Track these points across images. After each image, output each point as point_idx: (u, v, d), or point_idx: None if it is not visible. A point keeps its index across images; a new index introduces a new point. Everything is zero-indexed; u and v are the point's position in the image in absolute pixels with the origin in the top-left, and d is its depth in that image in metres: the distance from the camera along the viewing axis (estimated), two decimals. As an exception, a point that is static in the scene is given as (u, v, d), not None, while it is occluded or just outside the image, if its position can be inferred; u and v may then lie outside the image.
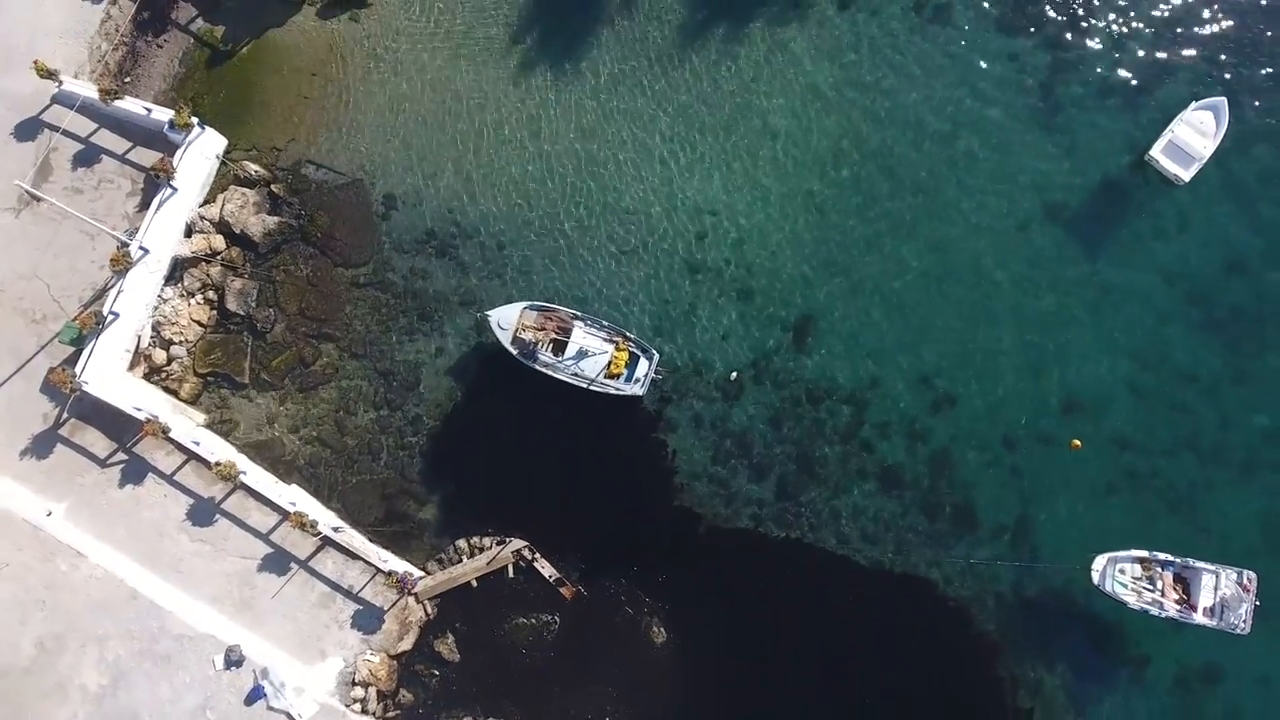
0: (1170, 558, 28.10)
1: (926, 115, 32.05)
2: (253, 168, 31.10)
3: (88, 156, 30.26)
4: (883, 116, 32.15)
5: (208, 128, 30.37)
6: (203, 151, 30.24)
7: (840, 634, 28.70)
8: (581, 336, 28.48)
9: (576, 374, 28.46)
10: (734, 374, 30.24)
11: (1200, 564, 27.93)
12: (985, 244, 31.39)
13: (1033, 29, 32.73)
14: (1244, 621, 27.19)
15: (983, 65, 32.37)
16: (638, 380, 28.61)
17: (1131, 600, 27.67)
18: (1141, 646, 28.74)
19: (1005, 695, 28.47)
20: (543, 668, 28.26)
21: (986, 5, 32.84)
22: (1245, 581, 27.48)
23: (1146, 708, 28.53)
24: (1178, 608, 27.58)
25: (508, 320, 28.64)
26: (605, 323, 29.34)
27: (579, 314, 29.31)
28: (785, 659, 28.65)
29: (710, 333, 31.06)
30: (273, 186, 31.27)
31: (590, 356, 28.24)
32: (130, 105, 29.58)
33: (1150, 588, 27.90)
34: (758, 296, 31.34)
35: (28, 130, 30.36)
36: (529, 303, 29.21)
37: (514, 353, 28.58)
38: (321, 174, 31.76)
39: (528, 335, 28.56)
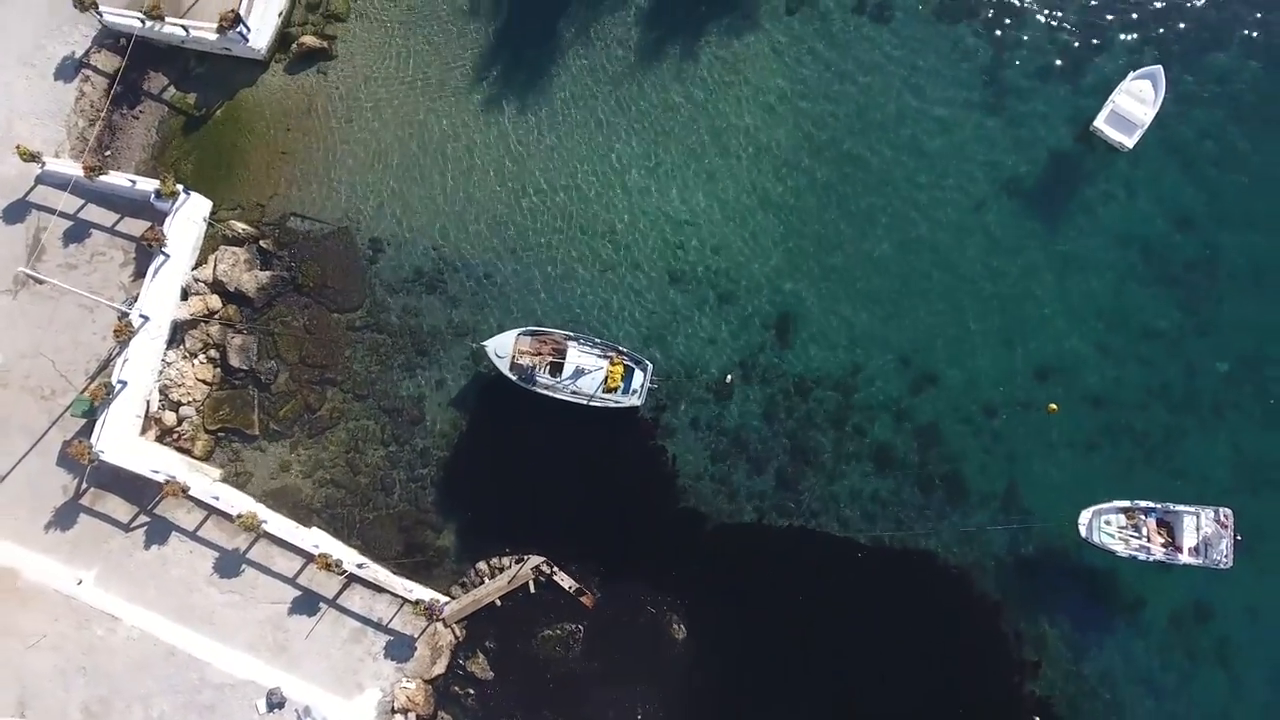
0: (1151, 504, 29.46)
1: (877, 112, 33.20)
2: (240, 226, 31.77)
3: (78, 232, 30.84)
4: (837, 117, 33.28)
5: (192, 193, 31.00)
6: (190, 216, 30.90)
7: (851, 612, 29.86)
8: (576, 356, 29.43)
9: (576, 392, 29.42)
10: (729, 377, 31.28)
11: (1180, 507, 29.31)
12: (947, 227, 32.61)
13: (970, 18, 33.97)
14: (1226, 557, 28.61)
15: (926, 59, 33.55)
16: (635, 391, 29.61)
17: (1120, 548, 29.01)
18: (1134, 591, 30.09)
19: (1011, 651, 29.75)
20: (574, 674, 29.24)
21: (920, 4, 33.96)
22: (1223, 519, 28.89)
23: (1144, 648, 29.88)
24: (1164, 551, 28.96)
25: (504, 348, 29.54)
26: (597, 340, 30.32)
27: (571, 334, 30.26)
28: (801, 641, 29.77)
29: (697, 338, 32.09)
30: (261, 242, 31.97)
31: (587, 374, 29.21)
32: (115, 179, 30.20)
33: (1136, 535, 29.26)
34: (738, 299, 32.40)
35: (16, 213, 30.91)
36: (522, 329, 30.12)
37: (514, 379, 29.49)
38: (307, 225, 32.48)
39: (525, 360, 29.48)
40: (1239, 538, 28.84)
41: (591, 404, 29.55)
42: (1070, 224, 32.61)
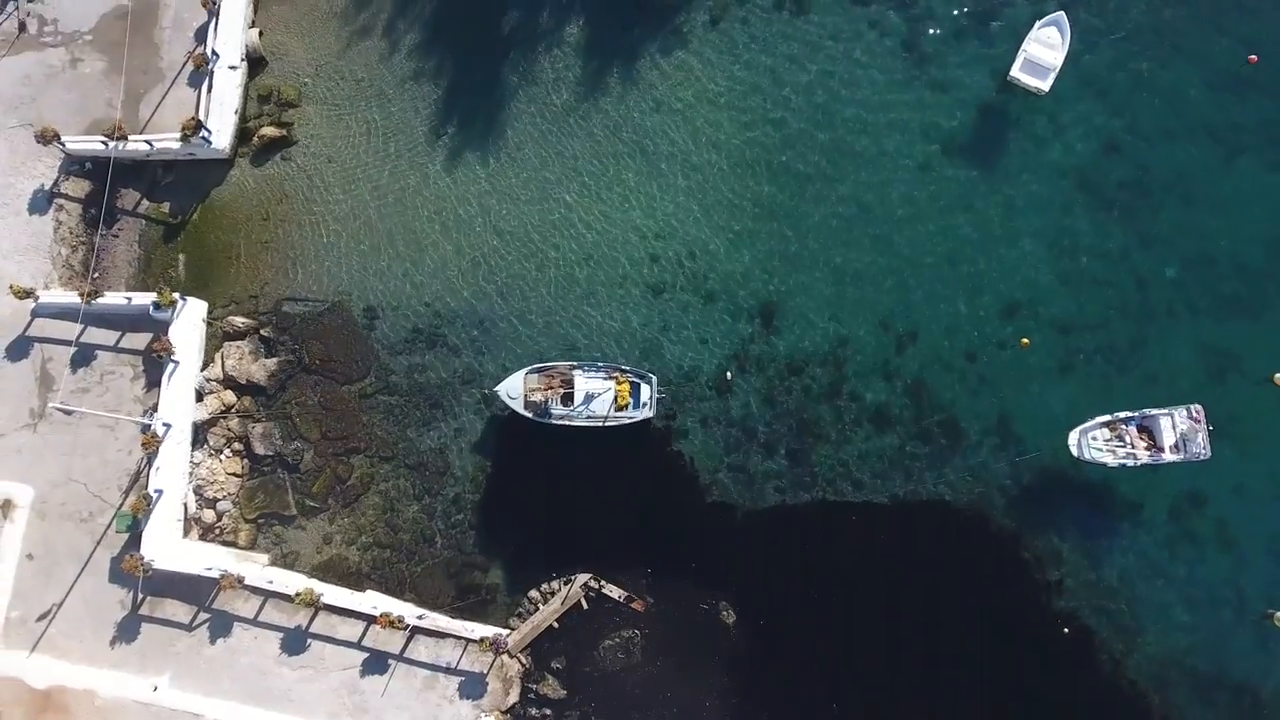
0: (1130, 414, 31.42)
1: (814, 99, 34.75)
2: (238, 320, 32.48)
3: (84, 357, 31.35)
4: (778, 111, 34.76)
5: (187, 297, 31.64)
6: (190, 320, 31.56)
7: (882, 567, 31.43)
8: (584, 383, 30.66)
9: (590, 416, 30.65)
10: (727, 373, 32.69)
11: (1155, 411, 31.31)
12: (897, 194, 34.25)
13: (882, -4, 35.67)
14: (1204, 448, 30.67)
15: (848, 41, 35.17)
16: (645, 404, 30.91)
17: (1110, 460, 30.93)
18: (1131, 495, 32.04)
19: (1033, 574, 31.57)
20: (641, 676, 30.54)
21: (834, -11, 35.65)
22: (1195, 414, 30.95)
23: (1151, 544, 31.84)
24: (1149, 454, 30.94)
25: (515, 389, 30.67)
26: (600, 364, 31.56)
27: (575, 364, 31.46)
28: (842, 602, 31.29)
29: (690, 342, 33.45)
30: (262, 331, 32.71)
31: (597, 397, 30.46)
32: (111, 299, 30.77)
33: (1121, 444, 31.20)
34: (720, 297, 33.81)
35: (19, 350, 31.35)
36: (528, 368, 31.24)
37: (530, 416, 30.61)
38: (302, 307, 33.27)
39: (537, 396, 30.63)
40: (1211, 428, 30.90)
41: (607, 424, 30.79)
42: (1009, 169, 34.45)
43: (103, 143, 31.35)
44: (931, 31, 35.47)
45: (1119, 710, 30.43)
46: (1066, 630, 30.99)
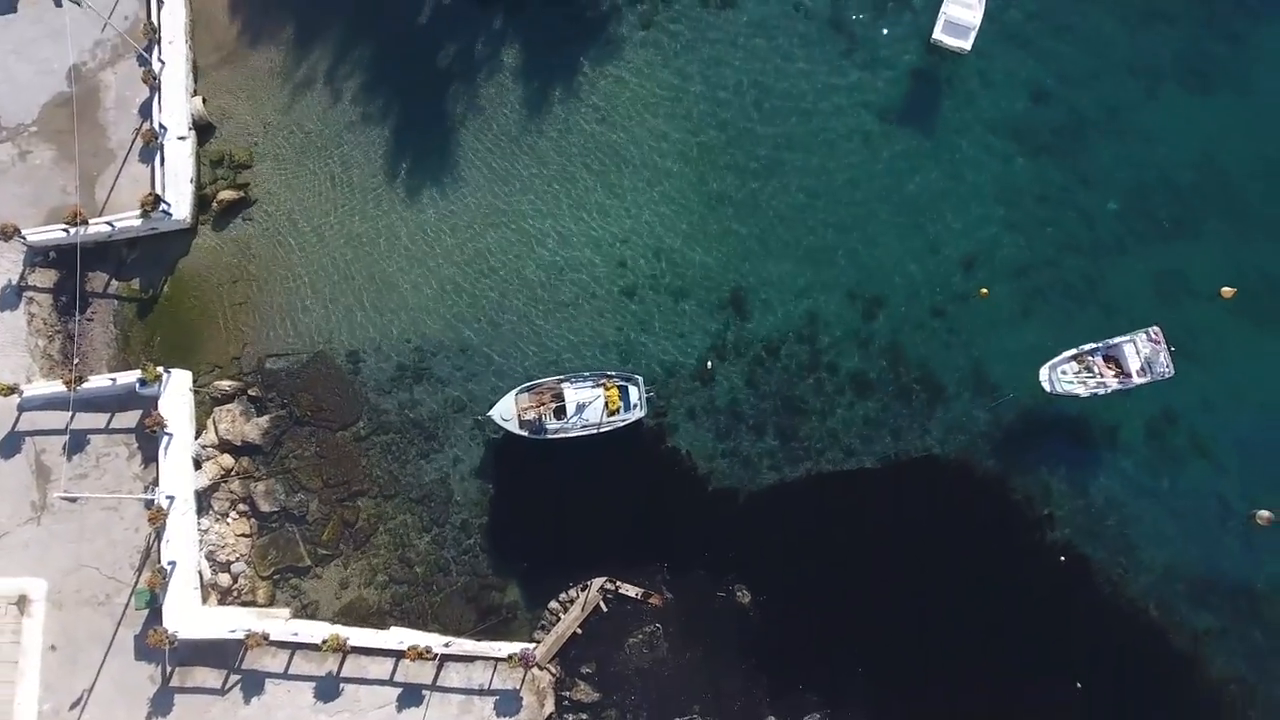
0: (1094, 345, 32.57)
1: (751, 89, 35.59)
2: (224, 384, 32.69)
3: (78, 443, 31.40)
4: (719, 106, 35.54)
5: (172, 370, 31.80)
6: (177, 392, 31.71)
7: (882, 529, 32.31)
8: (574, 394, 31.25)
9: (585, 425, 31.26)
10: (709, 364, 33.44)
11: (1117, 339, 32.50)
12: (844, 171, 35.16)
13: (802, -19, 36.59)
14: (1168, 367, 31.90)
15: (777, 30, 36.08)
16: (635, 405, 31.57)
17: (1081, 391, 32.07)
18: (1107, 422, 33.19)
19: (1025, 512, 32.61)
20: (669, 665, 31.21)
21: (755, -22, 36.54)
22: (1154, 336, 32.19)
23: (1133, 464, 32.99)
24: (1117, 380, 32.12)
25: (508, 411, 31.18)
26: (587, 373, 32.16)
27: (562, 377, 32.04)
28: (849, 568, 32.12)
29: (668, 338, 34.14)
30: (249, 392, 32.95)
31: (589, 406, 31.08)
32: (96, 382, 30.87)
33: (1090, 374, 32.36)
34: (690, 291, 34.54)
35: (11, 446, 31.35)
36: (517, 388, 31.76)
37: (526, 435, 31.15)
38: (285, 361, 33.54)
39: (530, 415, 31.18)
40: (1173, 348, 32.16)
41: (602, 430, 31.40)
42: (946, 130, 35.49)
43: (64, 230, 31.42)
44: (855, 9, 36.44)
45: (1123, 629, 31.52)
46: (1063, 559, 32.07)
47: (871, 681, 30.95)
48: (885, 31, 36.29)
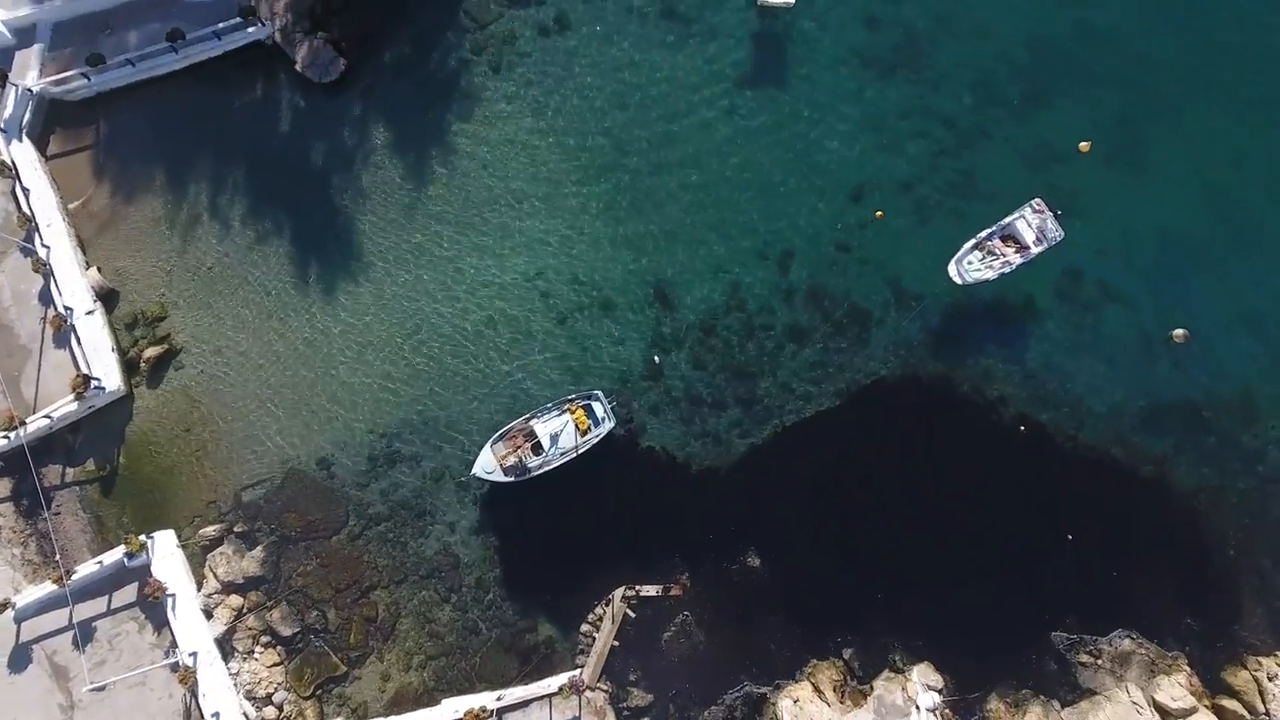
0: (989, 230, 34.57)
1: (612, 97, 36.83)
2: (209, 531, 32.87)
3: (85, 633, 31.32)
4: (586, 120, 36.71)
5: (154, 534, 31.89)
6: (166, 553, 31.82)
7: (860, 461, 33.79)
8: (544, 428, 32.21)
9: (564, 453, 32.24)
10: (655, 358, 34.63)
11: (1007, 219, 34.53)
12: (719, 143, 36.63)
13: (625, -15, 37.89)
14: (1058, 230, 34.09)
15: (617, 35, 37.34)
16: (603, 419, 32.69)
17: (991, 275, 34.07)
18: (1022, 295, 35.18)
19: (977, 399, 34.41)
20: (707, 647, 32.35)
21: (581, -1, 37.77)
22: (1037, 206, 34.34)
23: (1056, 326, 35.03)
24: (1019, 256, 34.19)
25: (489, 464, 32.02)
26: (549, 404, 33.10)
27: (528, 415, 32.92)
28: (839, 502, 33.64)
29: (609, 348, 35.25)
30: (235, 529, 33.17)
31: (562, 433, 32.08)
32: (85, 570, 30.84)
33: (993, 257, 34.37)
34: (616, 300, 35.69)
35: (21, 659, 31.15)
36: (490, 440, 32.56)
37: (513, 479, 32.03)
38: (260, 489, 33.81)
39: (510, 460, 32.05)
40: (1057, 212, 34.37)
41: (581, 452, 32.43)
42: (799, 78, 37.20)
43: (5, 438, 31.22)
44: (680, -4, 37.91)
45: (1093, 475, 33.60)
46: (1023, 429, 34.12)
47: (891, 596, 32.57)
48: (715, 8, 37.75)
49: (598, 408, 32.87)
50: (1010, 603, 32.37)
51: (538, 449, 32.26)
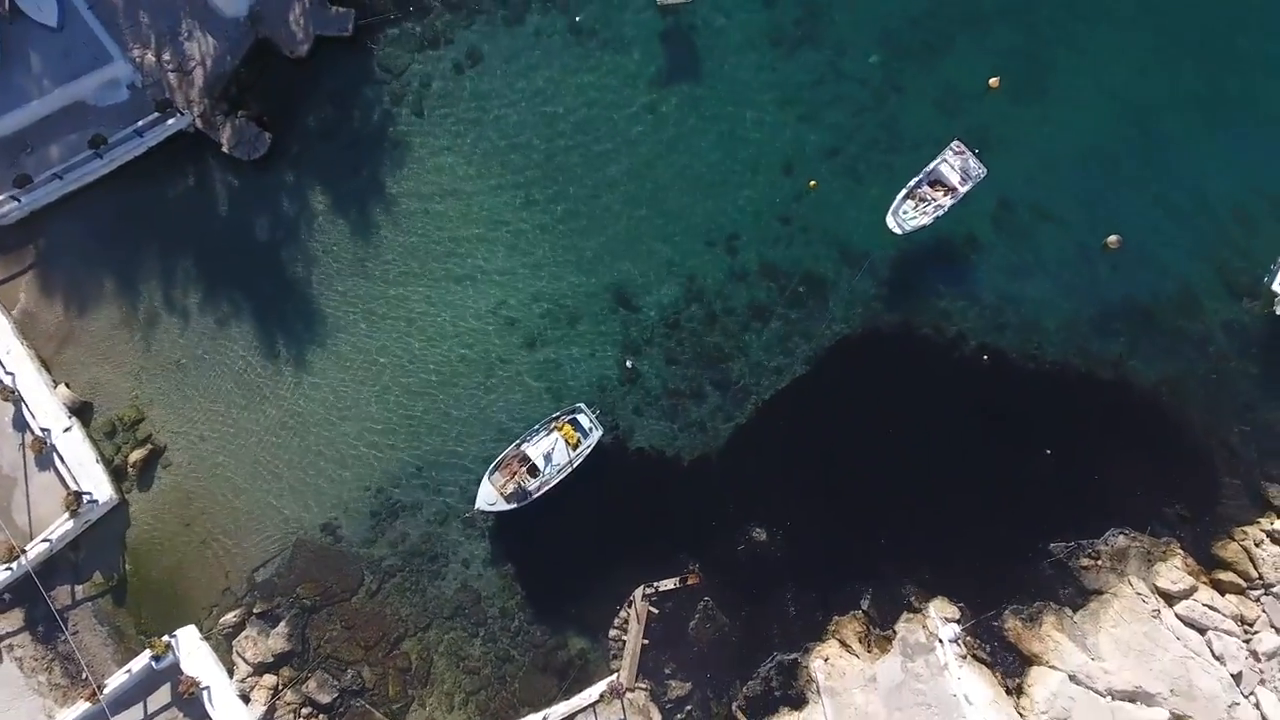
0: (916, 178, 35.80)
1: (538, 122, 37.43)
2: (229, 618, 33.07)
3: (128, 742, 31.43)
4: (517, 148, 37.28)
5: (175, 633, 32.03)
6: (192, 648, 31.98)
7: (840, 417, 34.88)
8: (536, 450, 32.88)
9: (560, 470, 32.96)
10: (628, 363, 35.42)
11: (931, 165, 35.73)
12: (648, 145, 37.35)
13: (524, 12, 38.44)
14: (980, 167, 35.41)
15: (530, 62, 37.94)
16: (590, 429, 33.47)
17: (927, 220, 35.32)
18: (962, 234, 36.31)
19: (938, 339, 35.47)
20: (733, 627, 33.32)
21: (486, 26, 38.25)
22: (957, 148, 35.61)
23: (999, 255, 36.12)
24: (950, 198, 35.47)
25: (490, 496, 32.62)
26: (536, 426, 33.76)
27: (518, 440, 33.53)
28: (830, 463, 34.73)
29: (583, 361, 35.93)
30: (254, 611, 33.39)
31: (554, 451, 32.78)
32: (115, 682, 30.93)
33: (925, 203, 35.62)
34: (581, 312, 36.38)
35: (68, 779, 31.08)
36: (486, 473, 33.12)
37: (517, 506, 32.65)
38: (271, 567, 34.06)
39: (510, 487, 32.67)
40: (976, 150, 35.72)
41: (575, 466, 33.15)
42: (714, 68, 37.98)
43: (7, 569, 31.15)
44: (583, 12, 38.57)
45: (1060, 389, 35.00)
46: (986, 359, 35.45)
47: (893, 540, 33.72)
48: (617, 16, 38.50)
49: (583, 420, 33.61)
50: (1006, 525, 33.73)
51: (534, 471, 32.93)
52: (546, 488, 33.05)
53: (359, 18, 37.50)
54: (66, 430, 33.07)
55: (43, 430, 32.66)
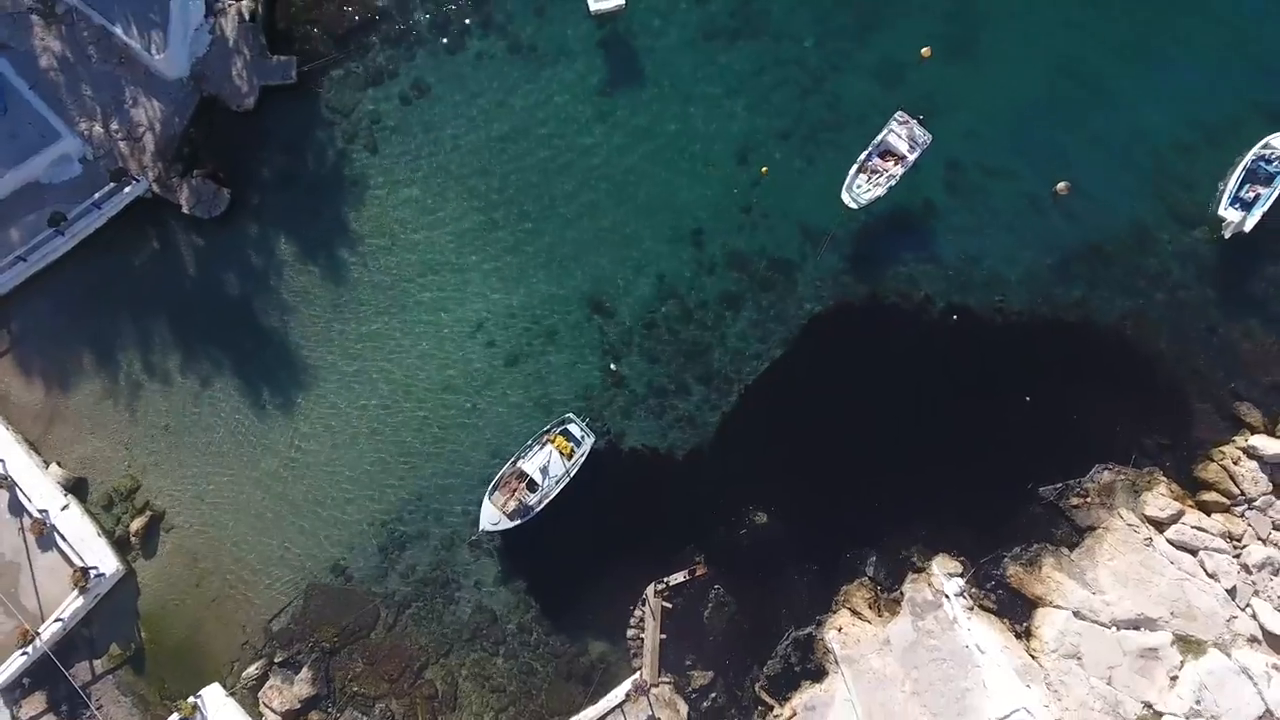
0: (865, 152, 36.54)
1: (492, 144, 37.90)
2: (251, 670, 33.25)
3: (167, 807, 31.52)
4: (475, 171, 37.72)
5: (200, 694, 32.18)
6: (219, 706, 32.13)
7: (822, 393, 35.55)
8: (531, 465, 33.31)
9: (558, 481, 33.40)
10: (612, 366, 35.93)
11: (879, 137, 36.51)
12: (602, 153, 37.92)
13: (464, 36, 38.89)
14: (925, 135, 36.25)
15: (475, 85, 38.37)
16: (583, 438, 33.95)
17: (881, 192, 36.10)
18: (918, 200, 36.99)
19: (906, 305, 36.25)
20: (745, 611, 33.90)
21: (428, 57, 38.62)
22: (901, 118, 36.43)
23: (956, 216, 36.82)
24: (900, 167, 36.25)
25: (493, 516, 33.02)
26: (529, 441, 34.18)
27: (513, 458, 33.93)
28: (819, 439, 35.38)
29: (567, 371, 36.40)
30: (275, 660, 33.59)
31: (550, 464, 33.22)
32: (146, 749, 31.00)
33: (878, 174, 36.39)
34: (558, 324, 36.84)
35: None
36: (486, 494, 33.52)
37: (520, 522, 33.09)
38: (286, 615, 34.26)
39: (511, 505, 33.09)
40: (919, 117, 36.55)
41: (572, 475, 33.63)
42: (657, 69, 38.60)
43: (24, 654, 31.17)
44: (521, 28, 39.06)
45: (1030, 338, 35.87)
46: (955, 318, 36.32)
47: (887, 503, 34.42)
48: (555, 29, 39.04)
49: (574, 429, 34.11)
50: (996, 474, 34.60)
51: (532, 486, 33.38)
52: (547, 500, 33.52)
53: (301, 64, 37.73)
54: (64, 509, 33.10)
55: (40, 512, 32.68)
